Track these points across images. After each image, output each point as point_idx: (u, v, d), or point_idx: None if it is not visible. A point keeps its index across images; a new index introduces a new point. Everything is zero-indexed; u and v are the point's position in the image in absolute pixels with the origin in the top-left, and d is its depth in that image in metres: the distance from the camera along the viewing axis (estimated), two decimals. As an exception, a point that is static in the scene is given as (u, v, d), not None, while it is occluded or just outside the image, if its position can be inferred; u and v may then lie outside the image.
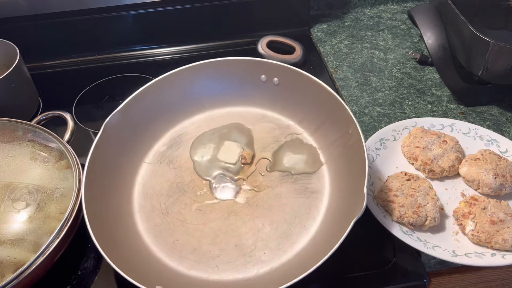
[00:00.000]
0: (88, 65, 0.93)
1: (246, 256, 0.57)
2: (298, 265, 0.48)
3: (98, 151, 0.60)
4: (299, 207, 0.61)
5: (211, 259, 0.57)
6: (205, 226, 0.60)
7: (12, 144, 0.63)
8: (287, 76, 0.68)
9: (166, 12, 0.91)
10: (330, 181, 0.64)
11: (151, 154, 0.68)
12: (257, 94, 0.71)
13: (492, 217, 0.58)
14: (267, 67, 0.69)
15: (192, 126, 0.71)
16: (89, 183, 0.57)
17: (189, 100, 0.71)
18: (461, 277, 0.65)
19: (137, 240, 0.59)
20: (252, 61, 0.69)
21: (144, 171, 0.66)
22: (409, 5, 1.04)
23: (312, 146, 0.68)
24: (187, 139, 0.70)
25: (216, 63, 0.69)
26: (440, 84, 0.83)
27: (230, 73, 0.70)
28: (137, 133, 0.67)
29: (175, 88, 0.69)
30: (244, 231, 0.59)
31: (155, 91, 0.68)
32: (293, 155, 0.67)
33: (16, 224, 0.55)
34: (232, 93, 0.72)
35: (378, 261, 0.57)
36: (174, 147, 0.69)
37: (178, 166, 0.67)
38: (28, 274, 0.50)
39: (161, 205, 0.62)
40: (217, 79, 0.71)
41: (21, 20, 0.86)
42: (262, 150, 0.68)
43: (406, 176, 0.63)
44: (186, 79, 0.70)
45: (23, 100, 0.78)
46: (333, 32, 0.98)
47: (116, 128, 0.63)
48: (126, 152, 0.65)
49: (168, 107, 0.70)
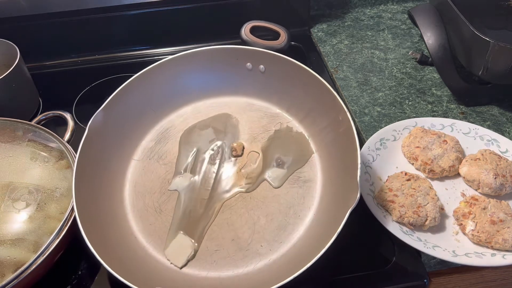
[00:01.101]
0: (88, 65, 0.93)
1: (244, 250, 0.57)
2: (296, 255, 0.48)
3: (85, 154, 0.59)
4: (292, 197, 0.61)
5: (208, 255, 0.57)
6: (201, 222, 0.60)
7: (12, 144, 0.63)
8: (273, 63, 0.66)
9: (166, 12, 0.91)
10: (322, 169, 0.63)
11: (139, 150, 0.67)
12: (243, 82, 0.69)
13: (492, 217, 0.58)
14: (252, 55, 0.67)
15: (180, 119, 0.70)
16: (79, 186, 0.56)
17: (174, 93, 0.70)
18: (461, 277, 0.65)
19: (133, 241, 0.58)
20: (236, 49, 0.67)
21: (133, 169, 0.65)
22: (409, 5, 1.04)
23: (301, 134, 0.66)
24: (175, 132, 0.68)
25: (198, 53, 0.68)
26: (440, 84, 0.83)
27: (214, 62, 0.68)
28: (123, 131, 0.66)
29: (158, 82, 0.68)
30: (239, 224, 0.59)
31: (138, 87, 0.66)
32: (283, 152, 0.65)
33: (16, 224, 0.55)
34: (218, 83, 0.70)
35: (378, 261, 0.57)
36: (162, 141, 0.68)
37: (168, 161, 0.66)
38: (28, 274, 0.50)
39: (154, 203, 0.62)
40: (201, 69, 0.69)
41: (21, 20, 0.86)
42: (252, 140, 0.66)
43: (406, 176, 0.63)
44: (169, 72, 0.68)
45: (23, 100, 0.78)
46: (333, 32, 0.98)
47: (100, 127, 0.62)
48: (114, 151, 0.64)
49: (153, 102, 0.69)
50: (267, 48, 0.68)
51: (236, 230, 0.58)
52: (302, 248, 0.54)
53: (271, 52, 0.66)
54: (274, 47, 0.65)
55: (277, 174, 0.62)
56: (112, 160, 0.64)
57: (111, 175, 0.63)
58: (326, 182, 0.61)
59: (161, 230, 0.59)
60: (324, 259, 0.49)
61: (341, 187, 0.58)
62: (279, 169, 0.63)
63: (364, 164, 0.66)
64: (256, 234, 0.58)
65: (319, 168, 0.63)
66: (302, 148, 0.65)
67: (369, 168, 0.66)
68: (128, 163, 0.66)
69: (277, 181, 0.62)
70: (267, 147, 0.66)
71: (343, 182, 0.57)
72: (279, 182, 0.62)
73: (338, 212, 0.51)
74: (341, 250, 0.57)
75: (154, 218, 0.60)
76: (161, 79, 0.68)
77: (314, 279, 0.56)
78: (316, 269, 0.49)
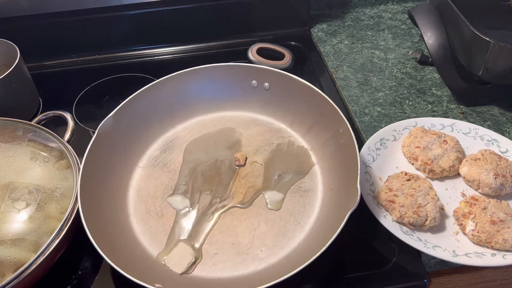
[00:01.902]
0: (88, 65, 0.93)
1: (243, 254, 0.57)
2: (296, 260, 0.49)
3: (92, 155, 0.60)
4: (293, 205, 0.62)
5: (208, 258, 0.57)
6: (202, 226, 0.60)
7: (12, 144, 0.63)
8: (277, 81, 0.69)
9: (166, 12, 0.91)
10: (323, 179, 0.64)
11: (144, 158, 0.69)
12: (248, 98, 0.72)
13: (493, 217, 0.58)
14: (257, 72, 0.70)
15: (185, 131, 0.72)
16: (84, 185, 0.57)
17: (181, 105, 0.72)
18: (461, 277, 0.65)
19: (134, 242, 0.59)
20: (243, 66, 0.71)
21: (138, 175, 0.67)
22: (409, 5, 1.04)
23: (303, 148, 0.68)
24: (180, 143, 0.70)
25: (208, 69, 0.71)
26: (440, 84, 0.83)
27: (222, 78, 0.71)
28: (130, 138, 0.68)
29: (167, 94, 0.70)
30: (240, 230, 0.59)
31: (148, 97, 0.69)
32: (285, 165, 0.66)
33: (16, 224, 0.55)
34: (224, 98, 0.73)
35: (378, 261, 0.57)
36: (167, 151, 0.69)
37: (173, 169, 0.67)
38: (28, 274, 0.50)
39: (156, 207, 0.63)
40: (209, 84, 0.72)
41: (21, 20, 0.86)
42: (255, 152, 0.68)
43: (407, 176, 0.63)
44: (179, 85, 0.71)
45: (23, 100, 0.78)
46: (333, 32, 0.98)
47: (109, 133, 0.64)
48: (120, 156, 0.66)
49: (160, 112, 0.71)
50: (272, 67, 0.71)
51: (237, 235, 0.59)
52: (302, 253, 0.54)
53: (276, 70, 0.69)
54: (279, 67, 0.69)
55: (275, 197, 0.63)
56: (117, 165, 0.65)
57: (116, 179, 0.64)
58: (327, 192, 0.63)
59: (162, 233, 0.60)
60: (324, 259, 0.49)
61: (341, 195, 0.59)
62: (278, 193, 0.64)
63: (364, 164, 0.66)
64: (256, 239, 0.58)
65: (320, 178, 0.65)
66: (303, 161, 0.67)
67: (369, 168, 0.66)
68: (133, 169, 0.67)
69: (275, 204, 0.63)
70: (269, 158, 0.68)
71: (343, 190, 0.59)
72: (277, 205, 0.62)
73: (338, 217, 0.52)
74: (341, 250, 0.58)
75: (155, 222, 0.61)
76: (169, 91, 0.70)
77: (314, 279, 0.56)
78: (316, 269, 0.49)
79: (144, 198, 0.64)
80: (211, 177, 0.66)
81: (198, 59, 0.94)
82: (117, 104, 0.66)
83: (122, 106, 0.66)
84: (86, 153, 0.60)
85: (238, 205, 0.62)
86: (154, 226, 0.60)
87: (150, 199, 0.64)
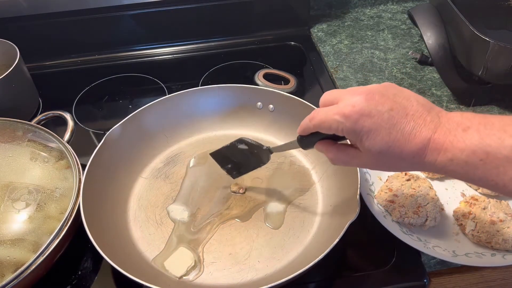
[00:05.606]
0: (88, 65, 0.93)
1: (241, 264, 0.57)
2: (293, 271, 0.49)
3: (97, 159, 0.61)
4: (292, 220, 0.62)
5: (205, 266, 0.57)
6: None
7: (12, 144, 0.63)
8: (281, 103, 0.72)
9: (166, 12, 0.91)
10: (323, 197, 0.65)
11: (148, 170, 0.69)
12: (253, 119, 0.74)
13: (492, 217, 0.58)
14: (263, 94, 0.73)
15: (190, 147, 0.73)
16: (87, 187, 0.58)
17: (187, 122, 0.74)
18: (461, 277, 0.65)
19: (131, 247, 0.59)
20: (250, 88, 0.73)
21: (140, 185, 0.67)
22: (409, 5, 1.04)
23: (304, 167, 0.69)
24: (184, 157, 0.71)
25: (216, 88, 0.73)
26: (440, 84, 0.83)
27: (229, 98, 0.74)
28: (135, 149, 0.69)
29: (175, 109, 0.72)
30: (238, 241, 0.60)
31: (156, 111, 0.70)
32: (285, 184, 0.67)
33: (16, 224, 0.55)
34: (229, 117, 0.75)
35: (378, 261, 0.57)
36: (171, 164, 0.70)
37: (174, 181, 0.68)
38: (28, 274, 0.50)
39: (156, 216, 0.63)
40: (215, 103, 0.74)
41: (21, 20, 0.86)
42: (256, 170, 0.66)
43: (406, 176, 0.63)
44: (187, 102, 0.73)
45: (23, 100, 0.78)
46: (333, 32, 0.98)
47: (115, 141, 0.65)
48: (124, 165, 0.67)
49: (167, 127, 0.72)
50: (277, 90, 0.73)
51: (234, 246, 0.59)
52: (300, 264, 0.54)
53: (281, 92, 0.71)
54: (284, 91, 0.73)
55: (276, 209, 0.63)
56: (120, 173, 0.66)
57: (118, 187, 0.65)
58: (326, 208, 0.63)
59: (159, 240, 0.60)
60: (325, 259, 0.49)
61: (340, 210, 0.60)
62: (279, 204, 0.64)
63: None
64: (254, 251, 0.58)
65: (320, 196, 0.65)
66: (303, 179, 0.68)
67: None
68: (136, 179, 0.68)
69: (275, 218, 0.63)
70: (270, 176, 0.68)
71: (343, 205, 0.60)
72: (276, 221, 0.62)
73: (337, 228, 0.52)
74: (341, 250, 0.58)
75: (154, 229, 0.61)
76: (177, 107, 0.72)
77: (314, 279, 0.56)
78: (316, 269, 0.49)
79: (144, 206, 0.64)
80: (212, 190, 0.66)
81: (197, 59, 0.94)
82: (117, 104, 0.66)
83: (130, 117, 0.67)
84: (92, 157, 0.61)
85: (237, 219, 0.62)
86: (153, 233, 0.61)
87: (150, 207, 0.64)
